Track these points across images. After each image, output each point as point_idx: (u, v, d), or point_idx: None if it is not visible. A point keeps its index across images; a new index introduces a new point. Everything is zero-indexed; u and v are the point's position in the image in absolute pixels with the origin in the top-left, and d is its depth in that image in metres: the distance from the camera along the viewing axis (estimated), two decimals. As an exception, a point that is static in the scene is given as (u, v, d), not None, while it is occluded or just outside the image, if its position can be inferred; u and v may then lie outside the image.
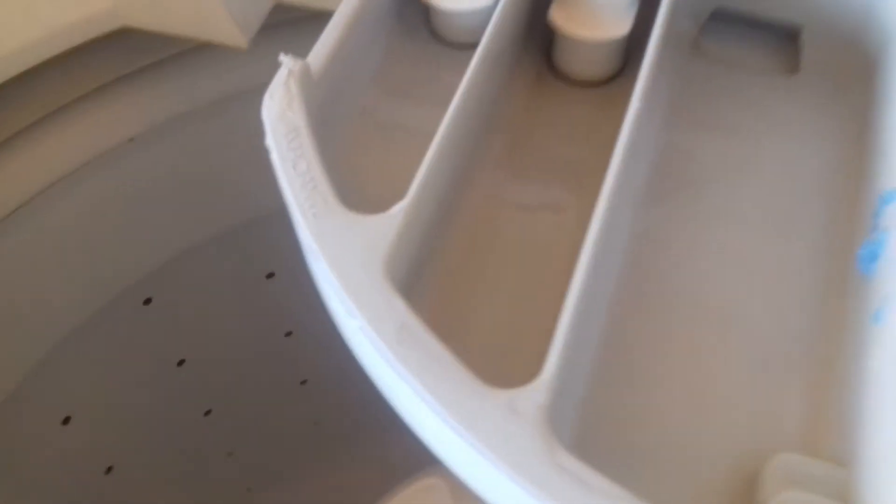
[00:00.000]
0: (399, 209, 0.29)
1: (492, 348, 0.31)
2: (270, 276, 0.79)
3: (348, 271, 0.27)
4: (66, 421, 0.69)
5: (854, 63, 0.38)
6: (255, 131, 0.62)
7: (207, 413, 0.85)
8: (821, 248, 0.34)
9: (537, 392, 0.25)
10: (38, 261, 0.58)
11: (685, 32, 0.40)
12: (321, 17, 0.48)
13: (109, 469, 0.76)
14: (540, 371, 0.25)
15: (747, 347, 0.31)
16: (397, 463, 0.62)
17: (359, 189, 0.35)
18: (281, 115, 0.31)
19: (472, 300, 0.32)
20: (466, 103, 0.33)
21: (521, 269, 0.33)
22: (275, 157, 0.31)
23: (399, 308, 0.26)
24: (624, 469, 0.26)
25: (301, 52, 0.58)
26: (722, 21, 0.40)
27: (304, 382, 0.90)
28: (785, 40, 0.40)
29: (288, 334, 0.85)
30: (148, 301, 0.71)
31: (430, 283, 0.32)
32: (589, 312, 0.29)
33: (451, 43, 0.40)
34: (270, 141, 0.31)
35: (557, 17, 0.37)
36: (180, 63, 0.56)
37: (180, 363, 0.79)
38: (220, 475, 0.89)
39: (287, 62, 0.32)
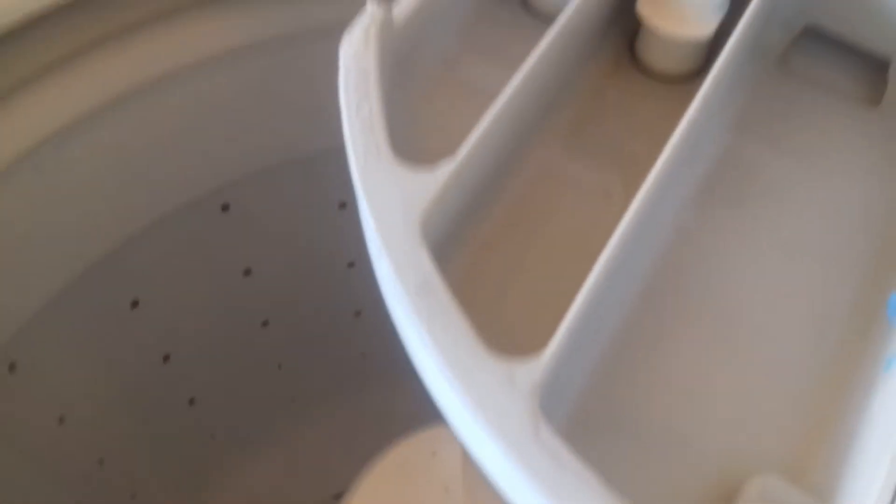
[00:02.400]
0: (445, 169, 0.30)
1: (509, 319, 0.32)
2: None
3: (386, 218, 0.28)
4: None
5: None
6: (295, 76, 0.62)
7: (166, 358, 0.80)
8: (858, 286, 0.34)
9: (537, 369, 0.26)
10: (80, 183, 0.58)
11: (774, 43, 0.40)
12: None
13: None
14: (544, 348, 0.26)
15: (758, 365, 0.32)
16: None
17: (420, 139, 0.36)
18: (355, 56, 0.32)
19: (503, 270, 0.33)
20: (535, 73, 0.33)
21: (557, 248, 0.34)
22: (341, 96, 0.32)
23: (425, 262, 0.27)
24: (608, 457, 0.27)
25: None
26: (812, 40, 0.40)
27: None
28: (874, 70, 0.40)
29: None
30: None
31: (466, 245, 0.33)
32: (606, 301, 0.29)
33: (540, 14, 0.40)
34: (341, 79, 0.32)
35: (645, 7, 0.37)
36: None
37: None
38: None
39: (371, 6, 0.33)
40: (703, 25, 0.37)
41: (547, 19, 0.40)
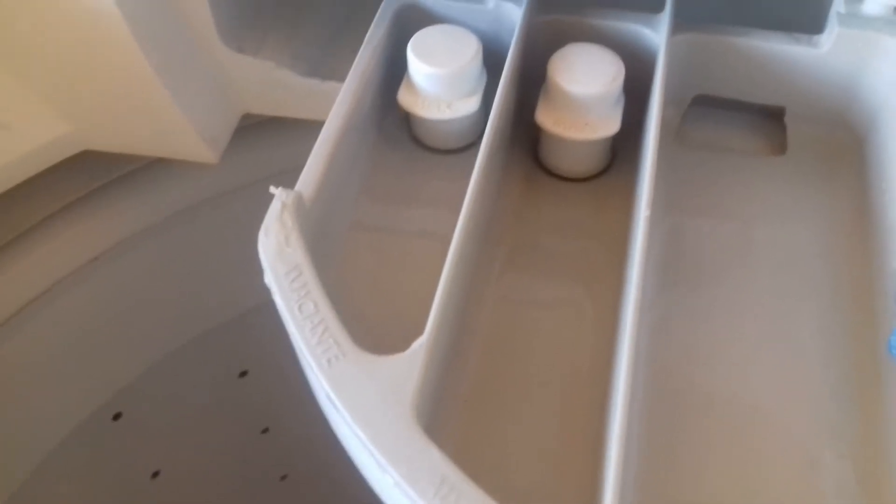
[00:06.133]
0: (419, 345, 0.27)
1: (529, 476, 0.29)
2: (243, 374, 0.77)
3: (374, 422, 0.26)
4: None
5: (841, 141, 0.38)
6: (220, 237, 0.61)
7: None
8: (839, 334, 0.33)
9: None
10: (5, 391, 0.55)
11: (668, 121, 0.40)
12: (283, 119, 0.48)
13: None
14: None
15: (791, 448, 0.30)
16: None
17: (363, 310, 0.34)
18: (279, 252, 0.30)
19: (495, 422, 0.31)
20: (472, 213, 0.32)
21: (543, 381, 0.32)
22: (277, 299, 0.29)
23: (436, 459, 0.25)
24: None
25: (266, 153, 0.57)
26: (704, 105, 0.40)
27: (283, 478, 0.88)
28: (770, 120, 0.40)
29: (264, 431, 0.82)
30: (118, 416, 0.68)
31: (451, 410, 0.31)
32: (630, 437, 0.27)
33: (435, 149, 0.39)
34: (270, 280, 0.29)
35: (545, 120, 0.36)
36: (144, 176, 0.54)
37: (154, 475, 0.76)
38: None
39: (280, 195, 0.31)
40: (607, 124, 0.36)
41: (440, 151, 0.39)
